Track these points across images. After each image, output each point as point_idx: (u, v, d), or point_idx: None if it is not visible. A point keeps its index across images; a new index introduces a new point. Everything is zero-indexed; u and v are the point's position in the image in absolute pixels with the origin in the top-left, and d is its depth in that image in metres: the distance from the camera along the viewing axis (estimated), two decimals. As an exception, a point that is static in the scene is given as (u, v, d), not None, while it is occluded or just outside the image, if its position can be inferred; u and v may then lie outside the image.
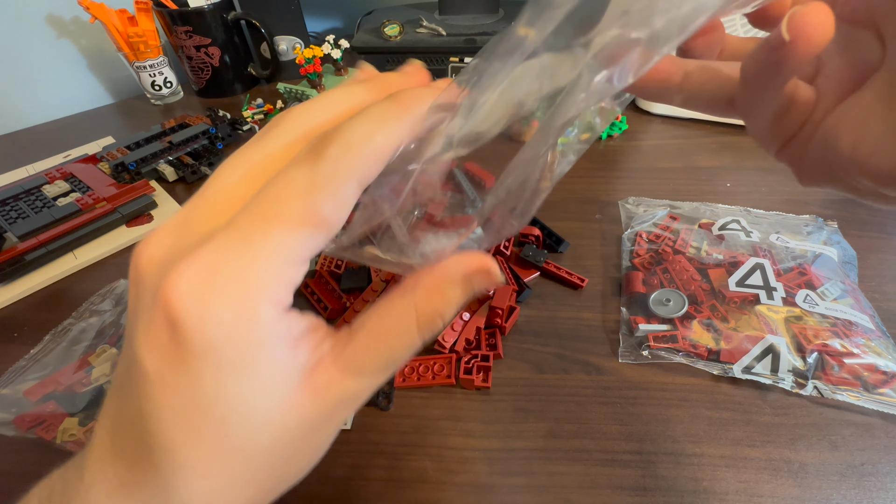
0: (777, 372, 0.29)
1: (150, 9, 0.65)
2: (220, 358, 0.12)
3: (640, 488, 0.25)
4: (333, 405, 0.14)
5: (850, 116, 0.15)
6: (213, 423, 0.12)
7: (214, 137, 0.56)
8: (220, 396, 0.12)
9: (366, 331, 0.14)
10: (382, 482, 0.26)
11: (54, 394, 0.30)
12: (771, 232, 0.37)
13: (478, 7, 0.70)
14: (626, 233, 0.40)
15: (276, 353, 0.12)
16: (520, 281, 0.36)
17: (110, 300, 0.37)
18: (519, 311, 0.34)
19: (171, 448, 0.12)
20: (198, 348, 0.11)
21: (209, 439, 0.12)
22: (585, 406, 0.29)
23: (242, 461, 0.13)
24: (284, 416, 0.13)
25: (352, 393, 0.14)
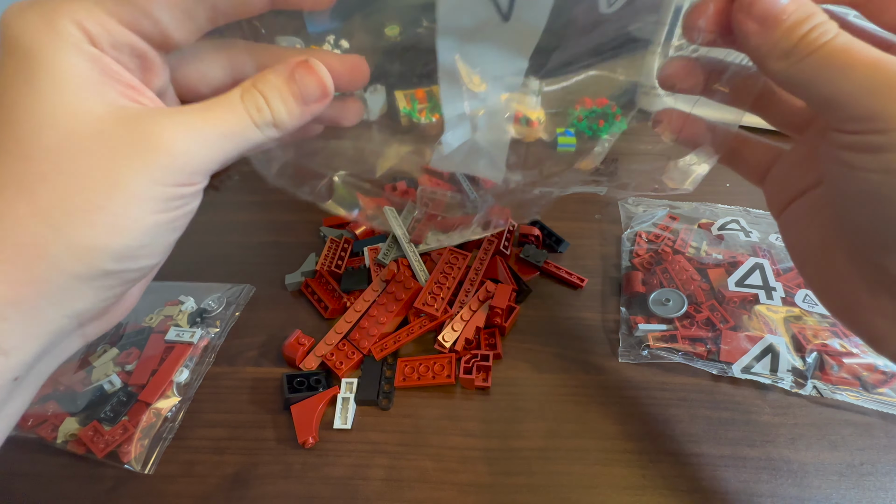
0: (776, 372, 0.29)
1: (151, 9, 0.65)
2: (24, 53, 0.14)
3: (640, 488, 0.25)
4: (135, 128, 0.15)
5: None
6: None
7: (215, 138, 0.56)
8: (15, 87, 0.14)
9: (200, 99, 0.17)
10: (382, 482, 0.26)
11: (55, 394, 0.30)
12: (770, 232, 0.37)
13: (478, 7, 0.70)
14: (626, 233, 0.40)
15: (73, 61, 0.14)
16: (520, 281, 0.36)
17: (111, 300, 0.37)
18: (518, 311, 0.34)
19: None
20: (9, 46, 0.14)
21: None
22: (585, 406, 0.29)
23: (29, 154, 0.14)
24: (72, 117, 0.14)
25: (156, 126, 0.15)
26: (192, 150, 0.16)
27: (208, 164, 0.17)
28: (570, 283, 0.36)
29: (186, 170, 0.16)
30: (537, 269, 0.37)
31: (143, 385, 0.30)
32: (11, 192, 0.14)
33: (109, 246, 0.15)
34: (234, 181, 0.52)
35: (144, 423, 0.29)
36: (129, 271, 0.16)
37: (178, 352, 0.32)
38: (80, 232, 0.14)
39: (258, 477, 0.27)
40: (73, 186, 0.14)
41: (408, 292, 0.34)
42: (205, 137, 0.16)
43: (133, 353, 0.32)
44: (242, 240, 0.43)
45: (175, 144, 0.15)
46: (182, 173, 0.16)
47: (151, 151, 0.15)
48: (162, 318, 0.35)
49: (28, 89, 0.14)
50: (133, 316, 0.35)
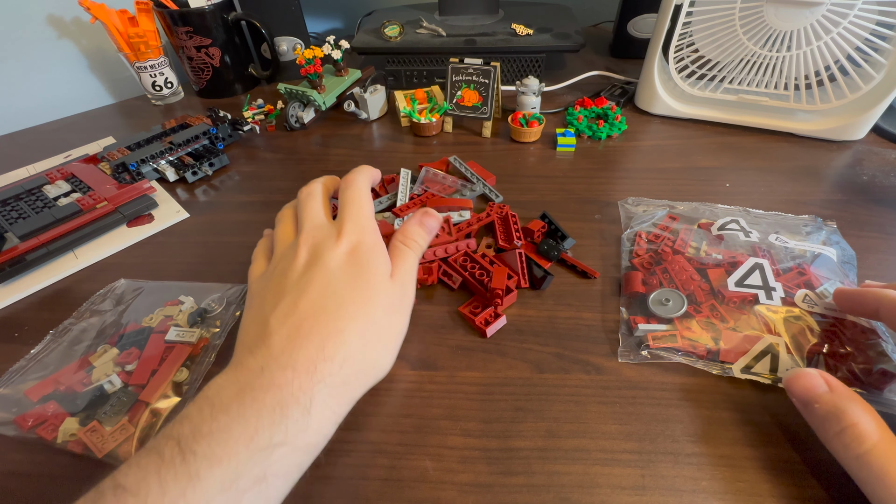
0: (776, 371, 0.29)
1: (151, 9, 0.65)
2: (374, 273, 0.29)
3: (640, 488, 0.25)
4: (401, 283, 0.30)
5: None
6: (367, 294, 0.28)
7: (215, 138, 0.56)
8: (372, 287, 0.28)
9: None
10: (382, 482, 0.26)
11: (55, 394, 0.30)
12: (770, 232, 0.37)
13: (478, 7, 0.70)
14: (626, 233, 0.40)
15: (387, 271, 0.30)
16: (541, 268, 0.37)
17: (111, 300, 0.37)
18: (515, 295, 0.36)
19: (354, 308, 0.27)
20: (366, 252, 0.29)
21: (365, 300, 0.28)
22: (585, 406, 0.29)
23: (373, 316, 0.27)
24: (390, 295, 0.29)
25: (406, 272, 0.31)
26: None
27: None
28: (586, 274, 0.37)
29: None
30: (549, 263, 0.39)
31: (143, 385, 0.30)
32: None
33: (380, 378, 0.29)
34: (235, 181, 0.52)
35: (144, 423, 0.29)
36: None
37: (177, 352, 0.32)
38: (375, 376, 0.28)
39: (258, 477, 0.27)
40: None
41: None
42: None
43: (133, 353, 0.32)
44: (242, 240, 0.43)
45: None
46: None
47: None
48: (162, 317, 0.35)
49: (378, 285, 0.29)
50: (133, 316, 0.35)
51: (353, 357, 0.25)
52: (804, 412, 0.25)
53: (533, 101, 0.56)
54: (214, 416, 0.21)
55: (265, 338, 0.25)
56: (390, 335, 0.28)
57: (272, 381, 0.23)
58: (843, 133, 0.51)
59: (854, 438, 0.22)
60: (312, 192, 0.33)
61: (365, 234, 0.30)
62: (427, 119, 0.56)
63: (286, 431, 0.22)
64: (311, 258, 0.28)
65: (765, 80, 0.51)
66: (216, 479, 0.19)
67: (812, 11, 0.45)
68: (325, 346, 0.25)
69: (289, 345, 0.24)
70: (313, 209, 0.32)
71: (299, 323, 0.25)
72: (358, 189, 0.32)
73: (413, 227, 0.32)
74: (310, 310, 0.26)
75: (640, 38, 0.72)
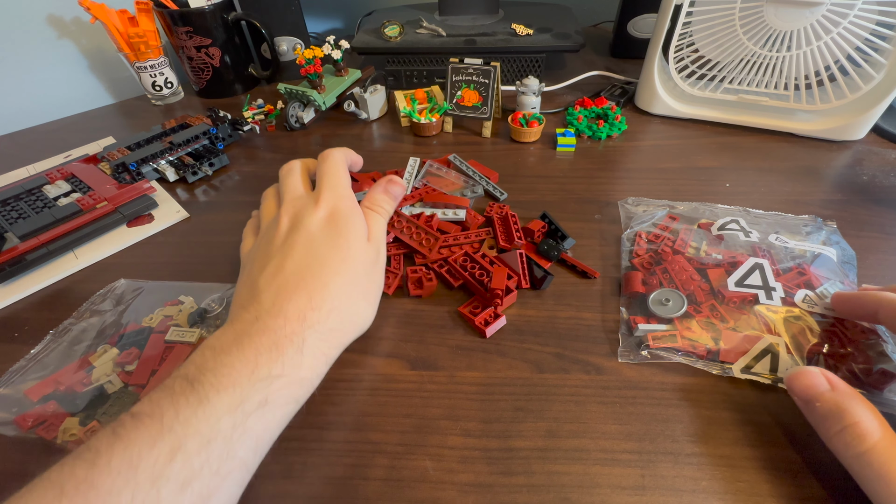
0: (776, 372, 0.29)
1: (151, 9, 0.65)
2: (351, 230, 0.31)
3: (640, 487, 0.25)
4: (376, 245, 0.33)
5: None
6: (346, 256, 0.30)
7: (215, 138, 0.56)
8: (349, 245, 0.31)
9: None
10: (382, 482, 0.26)
11: (55, 394, 0.30)
12: (770, 232, 0.37)
13: (478, 7, 0.70)
14: (626, 233, 0.40)
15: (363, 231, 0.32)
16: (541, 268, 0.37)
17: (110, 300, 0.37)
18: (515, 295, 0.36)
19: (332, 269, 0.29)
20: (344, 216, 0.32)
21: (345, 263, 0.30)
22: (585, 406, 0.29)
23: (353, 272, 0.30)
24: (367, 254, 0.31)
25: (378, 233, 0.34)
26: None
27: None
28: (586, 274, 0.37)
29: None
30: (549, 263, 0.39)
31: (143, 385, 0.30)
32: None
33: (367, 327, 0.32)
34: (235, 181, 0.52)
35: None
36: None
37: (178, 352, 0.32)
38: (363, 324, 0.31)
39: (258, 477, 0.27)
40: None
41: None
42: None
43: (133, 353, 0.32)
44: (242, 240, 0.43)
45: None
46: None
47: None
48: (162, 317, 0.35)
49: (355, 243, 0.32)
50: (133, 316, 0.35)
51: (338, 308, 0.28)
52: (805, 410, 0.25)
53: (533, 101, 0.56)
54: (217, 357, 0.24)
55: (256, 296, 0.27)
56: (370, 289, 0.31)
57: (266, 326, 0.25)
58: (843, 133, 0.51)
59: (855, 437, 0.22)
60: (292, 169, 0.36)
61: (341, 200, 0.32)
62: (427, 119, 0.56)
63: (283, 366, 0.24)
64: (293, 224, 0.31)
65: (765, 80, 0.51)
66: (223, 402, 0.22)
67: (812, 11, 0.45)
68: (311, 297, 0.27)
69: (278, 298, 0.27)
70: (293, 183, 0.35)
71: (286, 281, 0.28)
72: (334, 161, 0.35)
73: (379, 195, 0.36)
74: (295, 269, 0.28)
75: (640, 38, 0.72)
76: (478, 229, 0.41)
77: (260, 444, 0.23)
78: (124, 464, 0.19)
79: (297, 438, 0.28)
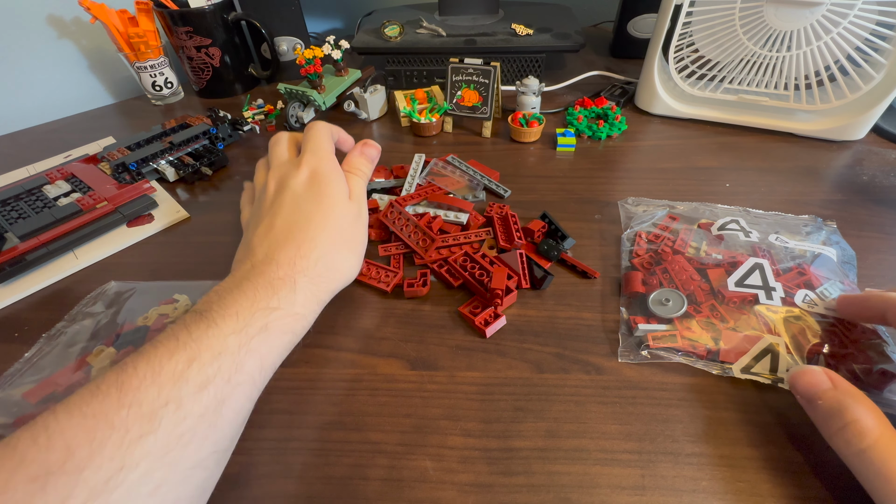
0: (776, 372, 0.29)
1: (151, 9, 0.65)
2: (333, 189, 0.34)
3: (640, 487, 0.25)
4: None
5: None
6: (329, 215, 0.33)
7: (215, 138, 0.56)
8: (331, 204, 0.33)
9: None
10: (382, 482, 0.26)
11: (54, 395, 0.30)
12: (770, 232, 0.37)
13: (478, 7, 0.70)
14: (626, 233, 0.40)
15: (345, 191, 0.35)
16: (541, 268, 0.36)
17: (102, 302, 0.37)
18: (515, 295, 0.36)
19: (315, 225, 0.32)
20: (324, 175, 0.35)
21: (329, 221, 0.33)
22: (585, 406, 0.29)
23: (337, 226, 0.33)
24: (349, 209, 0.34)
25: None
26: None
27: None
28: (586, 274, 0.37)
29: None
30: (549, 263, 0.39)
31: (142, 385, 0.30)
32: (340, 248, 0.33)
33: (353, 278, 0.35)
34: (235, 181, 0.52)
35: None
36: None
37: (177, 351, 0.32)
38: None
39: (258, 477, 0.27)
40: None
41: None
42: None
43: (131, 351, 0.32)
44: (242, 240, 0.43)
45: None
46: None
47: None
48: (157, 316, 0.35)
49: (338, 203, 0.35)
50: (128, 316, 0.35)
51: (325, 257, 0.31)
52: (807, 409, 0.25)
53: (533, 101, 0.56)
54: (220, 296, 0.27)
55: (251, 251, 0.31)
56: (354, 242, 0.34)
57: (261, 272, 0.29)
58: (843, 133, 0.51)
59: (855, 434, 0.22)
60: (278, 139, 0.39)
61: (322, 161, 0.35)
62: (427, 119, 0.56)
63: (279, 301, 0.28)
64: (279, 187, 0.34)
65: (765, 80, 0.51)
66: (229, 325, 0.25)
67: (812, 11, 0.45)
68: (300, 248, 0.30)
69: (270, 250, 0.30)
70: (279, 151, 0.38)
71: (276, 237, 0.31)
72: (317, 129, 0.38)
73: (356, 158, 0.39)
74: (283, 225, 0.32)
75: (640, 38, 0.72)
76: (478, 229, 0.41)
77: (264, 363, 0.26)
78: (149, 370, 0.22)
79: (297, 438, 0.28)
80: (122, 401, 0.21)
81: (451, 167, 0.48)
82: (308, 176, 0.34)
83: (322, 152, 0.36)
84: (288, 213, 0.32)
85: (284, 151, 0.38)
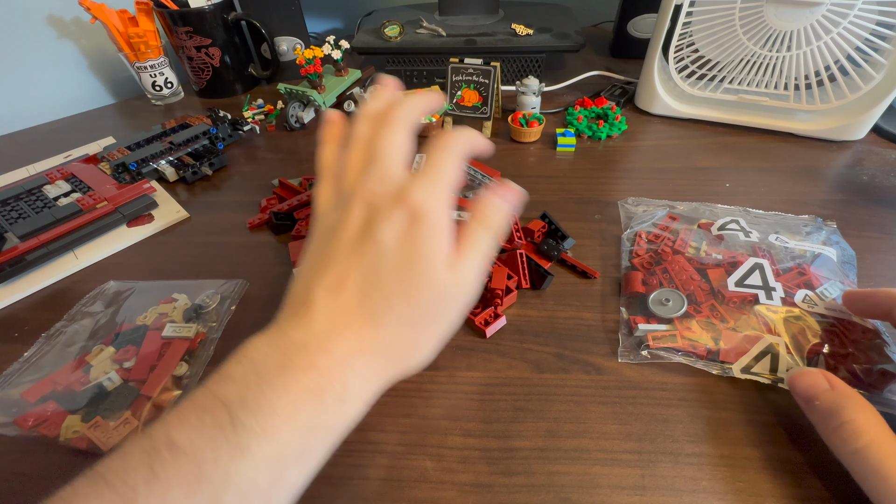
0: (776, 372, 0.29)
1: (151, 9, 0.65)
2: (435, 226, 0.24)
3: (640, 487, 0.25)
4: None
5: None
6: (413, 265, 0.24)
7: (215, 138, 0.56)
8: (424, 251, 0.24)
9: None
10: (382, 482, 0.26)
11: (53, 394, 0.30)
12: (770, 232, 0.37)
13: (478, 7, 0.70)
14: (626, 233, 0.40)
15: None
16: (541, 268, 0.36)
17: (101, 302, 0.37)
18: (515, 295, 0.36)
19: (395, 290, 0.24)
20: (424, 231, 0.24)
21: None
22: (585, 406, 0.29)
23: (423, 302, 0.24)
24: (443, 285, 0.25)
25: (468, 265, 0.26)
26: None
27: None
28: (586, 274, 0.37)
29: None
30: (550, 263, 0.39)
31: (143, 380, 0.31)
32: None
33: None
34: (235, 181, 0.52)
35: (146, 417, 0.29)
36: None
37: (176, 347, 0.32)
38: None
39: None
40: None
41: None
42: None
43: (130, 350, 0.32)
44: (242, 240, 0.43)
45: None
46: None
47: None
48: (156, 315, 0.35)
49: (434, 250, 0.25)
50: (127, 315, 0.35)
51: (390, 351, 0.25)
52: (806, 409, 0.25)
53: (533, 101, 0.56)
54: (260, 387, 0.22)
55: (309, 311, 0.24)
56: (431, 332, 0.26)
57: (311, 362, 0.23)
58: (843, 133, 0.51)
59: (851, 433, 0.22)
60: (397, 119, 0.28)
61: (434, 204, 0.25)
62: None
63: (322, 416, 0.23)
64: (365, 225, 0.25)
65: (765, 80, 0.51)
66: (263, 453, 0.21)
67: (812, 11, 0.45)
68: (363, 338, 0.24)
69: (330, 328, 0.24)
70: (388, 145, 0.27)
71: (340, 307, 0.24)
72: (451, 152, 0.26)
73: (488, 205, 0.26)
74: (354, 293, 0.24)
75: (640, 38, 0.72)
76: None
77: (293, 492, 0.22)
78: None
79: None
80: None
81: None
82: (407, 221, 0.24)
83: (440, 190, 0.25)
84: (364, 276, 0.24)
85: (394, 153, 0.27)
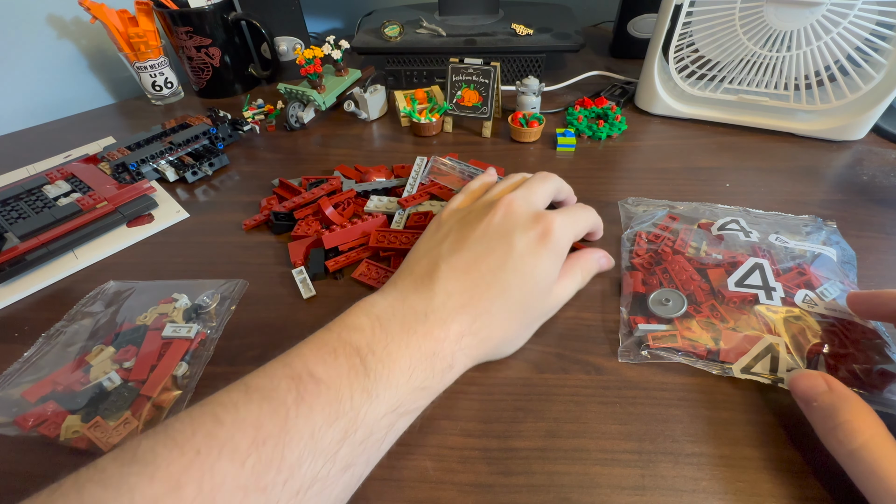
0: (776, 372, 0.29)
1: (151, 9, 0.65)
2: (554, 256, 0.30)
3: (640, 487, 0.25)
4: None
5: None
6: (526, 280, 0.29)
7: (215, 138, 0.56)
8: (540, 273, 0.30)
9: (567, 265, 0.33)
10: (382, 482, 0.26)
11: (53, 394, 0.30)
12: (770, 232, 0.37)
13: (478, 7, 0.70)
14: (626, 233, 0.40)
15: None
16: None
17: (101, 301, 0.37)
18: None
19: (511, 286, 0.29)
20: (550, 250, 0.30)
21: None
22: (585, 406, 0.29)
23: (523, 309, 0.30)
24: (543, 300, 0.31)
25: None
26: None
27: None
28: None
29: None
30: None
31: (143, 380, 0.31)
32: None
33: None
34: (235, 181, 0.52)
35: (147, 417, 0.29)
36: None
37: (176, 347, 0.32)
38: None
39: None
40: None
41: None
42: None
43: (130, 350, 0.32)
44: (242, 240, 0.43)
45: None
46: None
47: None
48: (156, 315, 0.35)
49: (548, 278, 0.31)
50: (126, 315, 0.35)
51: (491, 338, 0.29)
52: (805, 410, 0.25)
53: (533, 101, 0.56)
54: (386, 342, 0.25)
55: (432, 282, 0.28)
56: (524, 333, 0.31)
57: (430, 332, 0.26)
58: (843, 133, 0.51)
59: (847, 434, 0.23)
60: (550, 178, 0.36)
61: (562, 236, 0.31)
62: (427, 119, 0.56)
63: (430, 379, 0.26)
64: (504, 224, 0.30)
65: (765, 80, 0.51)
66: (386, 400, 0.23)
67: (812, 11, 0.45)
68: (475, 321, 0.27)
69: (449, 304, 0.27)
70: (538, 188, 0.34)
71: (463, 287, 0.28)
72: (586, 211, 0.36)
73: (591, 262, 0.35)
74: (478, 279, 0.28)
75: (640, 38, 0.72)
76: None
77: (392, 442, 0.25)
78: (307, 431, 0.21)
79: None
80: (281, 466, 0.20)
81: (451, 164, 0.48)
82: (539, 236, 0.30)
83: (571, 227, 0.32)
84: (490, 267, 0.29)
85: (541, 194, 0.34)
